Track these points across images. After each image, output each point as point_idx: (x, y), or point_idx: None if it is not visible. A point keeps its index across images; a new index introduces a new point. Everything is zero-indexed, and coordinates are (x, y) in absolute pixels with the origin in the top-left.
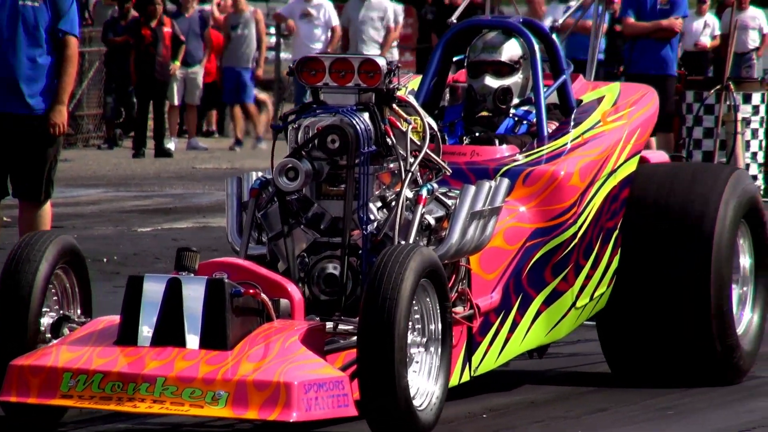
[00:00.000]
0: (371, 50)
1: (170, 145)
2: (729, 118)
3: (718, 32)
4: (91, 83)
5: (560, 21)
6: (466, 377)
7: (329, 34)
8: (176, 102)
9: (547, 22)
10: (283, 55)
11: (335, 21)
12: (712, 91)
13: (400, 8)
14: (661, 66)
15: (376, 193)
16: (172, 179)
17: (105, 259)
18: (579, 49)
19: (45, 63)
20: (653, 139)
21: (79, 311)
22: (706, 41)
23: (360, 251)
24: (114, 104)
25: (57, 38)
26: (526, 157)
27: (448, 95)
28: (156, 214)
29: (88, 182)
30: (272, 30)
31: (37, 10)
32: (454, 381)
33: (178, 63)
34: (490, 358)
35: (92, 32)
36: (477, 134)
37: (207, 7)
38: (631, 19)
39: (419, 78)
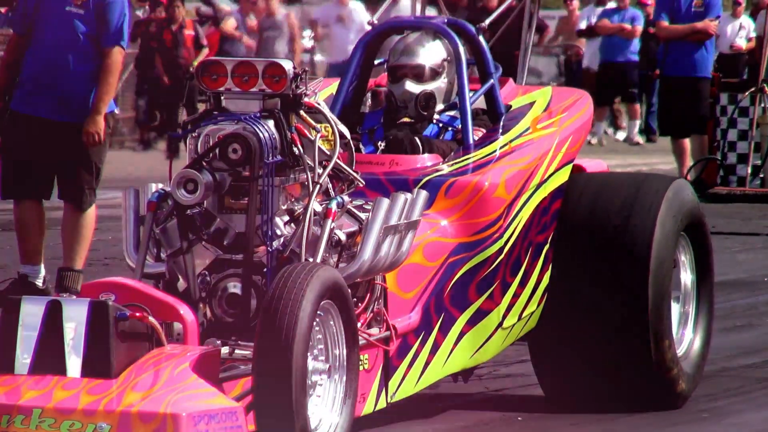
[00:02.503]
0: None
1: None
2: (764, 121)
3: (753, 34)
4: (125, 86)
5: (486, 22)
6: (382, 404)
7: None
8: None
9: (582, 25)
10: (318, 58)
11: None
12: (747, 93)
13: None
14: (695, 68)
15: (283, 206)
16: None
17: None
18: (616, 52)
19: (88, 71)
20: (687, 141)
21: None
22: (741, 43)
23: (265, 269)
24: (147, 107)
25: (99, 47)
26: (450, 166)
27: (369, 100)
28: None
29: (123, 185)
30: (306, 33)
31: (81, 18)
32: (368, 408)
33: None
34: (408, 382)
35: None
36: (398, 134)
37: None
38: (665, 22)
39: (337, 82)
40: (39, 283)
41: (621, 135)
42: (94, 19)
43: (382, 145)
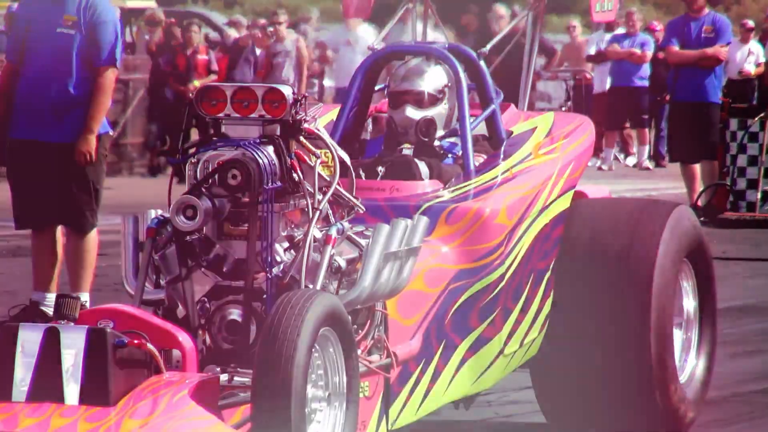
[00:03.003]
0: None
1: None
2: None
3: (762, 60)
4: (136, 111)
5: (488, 47)
6: (382, 431)
7: None
8: None
9: (591, 50)
10: (327, 82)
11: None
12: (756, 118)
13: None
14: (705, 94)
15: (283, 233)
16: None
17: None
18: (626, 77)
19: (79, 92)
20: (697, 167)
21: None
22: (750, 69)
23: (265, 296)
24: (158, 132)
25: (92, 67)
26: (451, 192)
27: (370, 127)
28: None
29: (131, 210)
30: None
31: (71, 39)
32: None
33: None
34: (409, 409)
35: (136, 60)
36: (397, 159)
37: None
38: (675, 48)
39: (337, 108)
40: (50, 311)
41: (631, 161)
42: (86, 39)
43: (382, 171)
